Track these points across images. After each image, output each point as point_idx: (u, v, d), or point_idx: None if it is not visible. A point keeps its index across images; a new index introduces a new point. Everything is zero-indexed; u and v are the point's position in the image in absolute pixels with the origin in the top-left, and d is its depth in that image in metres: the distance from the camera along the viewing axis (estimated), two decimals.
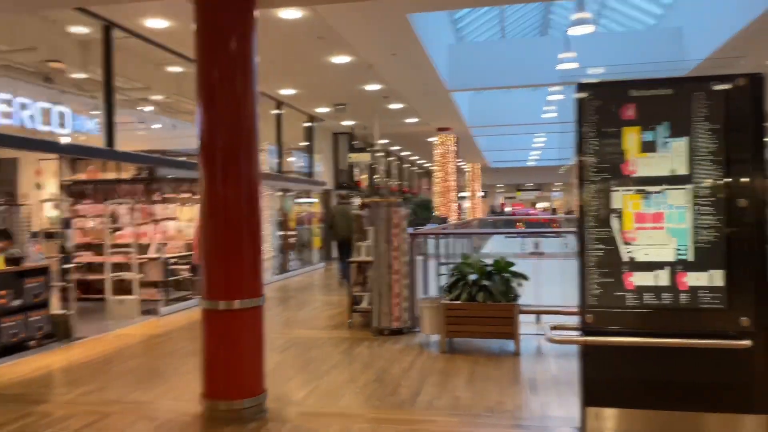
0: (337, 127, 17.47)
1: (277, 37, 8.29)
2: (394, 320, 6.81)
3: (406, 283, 6.88)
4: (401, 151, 25.13)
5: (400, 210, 6.90)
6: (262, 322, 4.34)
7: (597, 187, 3.66)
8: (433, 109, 14.53)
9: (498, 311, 5.83)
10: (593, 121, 3.65)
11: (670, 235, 3.57)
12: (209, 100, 4.30)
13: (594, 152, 3.65)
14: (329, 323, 7.70)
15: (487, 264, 6.20)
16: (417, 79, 11.18)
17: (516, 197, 46.13)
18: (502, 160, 32.27)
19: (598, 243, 3.64)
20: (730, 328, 3.44)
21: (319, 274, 14.29)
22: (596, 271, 3.64)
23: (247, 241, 4.28)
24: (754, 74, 3.45)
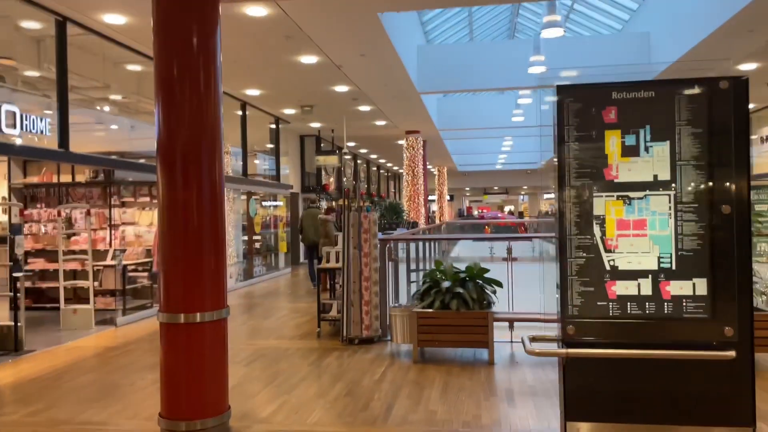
0: (304, 130, 17.19)
1: (243, 35, 8.02)
2: (364, 329, 6.60)
3: (377, 290, 6.68)
4: (369, 154, 24.94)
5: (370, 214, 6.70)
6: (226, 336, 4.08)
7: (578, 193, 3.51)
8: (402, 111, 14.37)
9: (472, 319, 5.67)
10: (573, 124, 3.50)
11: (652, 242, 3.45)
12: (168, 98, 4.02)
13: (575, 156, 3.51)
14: (297, 332, 7.43)
15: (461, 270, 6.04)
16: (386, 81, 11.00)
17: (483, 201, 46.38)
18: (469, 163, 32.33)
19: (580, 251, 3.50)
20: (713, 339, 3.32)
21: (286, 280, 13.97)
22: (577, 280, 3.50)
23: (210, 249, 4.02)
24: (737, 77, 3.35)
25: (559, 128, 3.54)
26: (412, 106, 13.67)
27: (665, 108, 3.43)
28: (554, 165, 3.58)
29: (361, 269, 6.63)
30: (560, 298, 3.51)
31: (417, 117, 15.22)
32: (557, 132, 3.55)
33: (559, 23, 8.11)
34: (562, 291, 3.51)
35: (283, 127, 15.95)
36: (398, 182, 35.18)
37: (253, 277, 13.26)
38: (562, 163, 3.53)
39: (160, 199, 3.97)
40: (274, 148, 15.65)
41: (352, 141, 19.89)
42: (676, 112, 3.41)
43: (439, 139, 19.93)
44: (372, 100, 12.86)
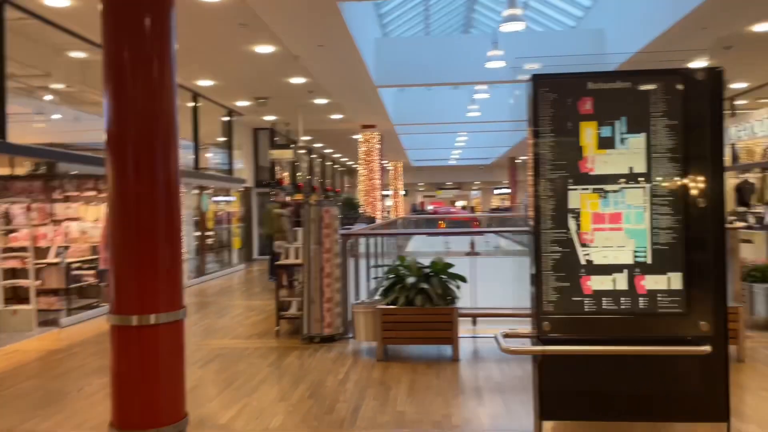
0: (258, 123, 16.77)
1: (195, 22, 7.67)
2: (325, 327, 6.40)
3: (339, 287, 6.49)
4: (324, 148, 24.64)
5: (331, 209, 6.50)
6: (183, 338, 3.82)
7: (553, 186, 3.42)
8: (358, 105, 14.18)
9: (437, 316, 5.56)
10: (548, 115, 3.41)
11: (628, 236, 3.39)
12: (119, 85, 3.71)
13: (550, 148, 3.42)
14: (254, 331, 7.17)
15: (425, 266, 5.92)
16: (344, 73, 10.79)
17: (436, 196, 46.67)
18: (423, 158, 32.42)
19: (555, 245, 3.41)
20: (688, 333, 3.30)
21: (239, 277, 13.61)
22: (552, 275, 3.42)
23: (165, 245, 3.74)
24: (713, 68, 3.32)
25: (534, 119, 3.44)
26: (368, 100, 13.50)
27: (641, 99, 3.37)
28: (529, 157, 3.48)
29: (322, 265, 6.43)
30: (535, 293, 3.42)
31: (373, 111, 15.06)
32: (532, 123, 3.45)
33: (519, 17, 8.09)
34: (537, 286, 3.42)
35: (236, 120, 15.52)
36: (352, 177, 34.98)
37: (205, 274, 12.85)
38: (537, 155, 3.44)
39: (110, 191, 3.67)
40: (226, 142, 15.20)
41: (307, 135, 19.56)
42: (652, 103, 3.36)
43: (394, 134, 19.83)
44: (328, 93, 12.63)
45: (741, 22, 7.91)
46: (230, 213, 14.88)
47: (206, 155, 14.65)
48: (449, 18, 15.75)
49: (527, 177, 3.57)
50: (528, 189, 3.54)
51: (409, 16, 13.92)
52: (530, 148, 3.50)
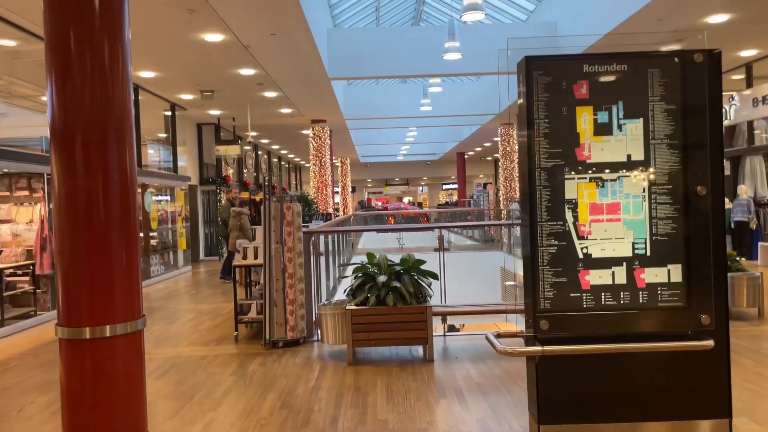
0: (203, 117, 16.11)
1: (137, 6, 7.12)
2: (289, 330, 6.05)
3: (302, 287, 6.15)
4: (271, 144, 24.02)
5: (293, 205, 6.15)
6: (143, 351, 3.42)
7: (549, 175, 3.22)
8: (310, 98, 13.78)
9: (410, 315, 5.31)
10: (543, 100, 3.20)
11: (626, 227, 3.22)
12: (65, 74, 3.27)
13: (544, 135, 3.21)
14: (211, 337, 6.73)
15: (395, 263, 5.66)
16: (297, 64, 10.39)
17: (384, 192, 46.52)
18: (372, 154, 32.18)
19: (551, 238, 3.21)
20: (689, 328, 3.15)
21: (187, 279, 12.99)
22: (549, 270, 3.21)
23: (120, 247, 3.33)
24: (711, 50, 3.19)
25: (528, 104, 3.23)
26: (320, 93, 13.12)
27: (638, 83, 3.20)
28: (523, 144, 3.27)
29: (284, 265, 6.07)
30: (532, 290, 3.21)
31: (325, 105, 14.69)
32: (526, 109, 3.23)
33: (480, 5, 7.93)
34: (534, 282, 3.21)
35: (180, 115, 14.83)
36: (300, 174, 34.36)
37: (150, 278, 12.19)
38: (531, 142, 3.23)
39: (57, 189, 3.23)
40: (169, 137, 14.49)
41: (254, 130, 18.97)
42: (649, 87, 3.19)
43: (344, 129, 19.50)
44: (279, 86, 12.18)
45: (696, 14, 8.01)
46: (175, 212, 14.20)
47: (148, 152, 13.92)
48: (400, 10, 15.54)
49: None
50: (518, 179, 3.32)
51: (360, 8, 13.61)
52: (522, 135, 3.29)
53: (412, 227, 15.05)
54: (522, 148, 3.30)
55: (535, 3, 12.55)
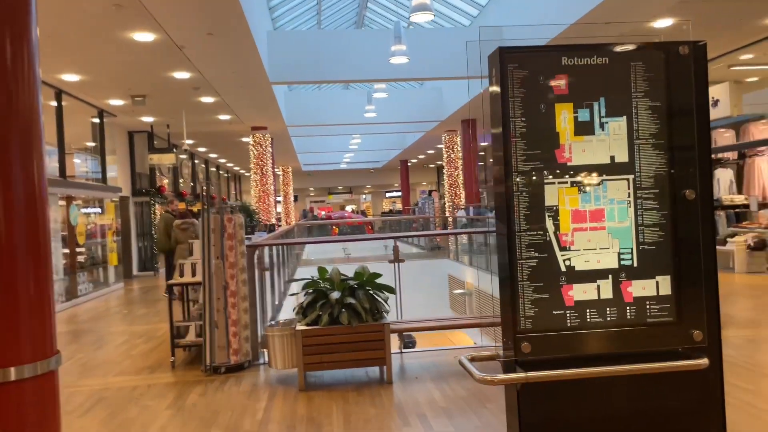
0: (135, 125, 15.22)
1: (58, 2, 6.46)
2: (232, 354, 5.52)
3: (247, 306, 5.64)
4: (208, 153, 23.12)
5: (235, 217, 5.64)
6: (57, 395, 2.87)
7: (527, 180, 2.90)
8: (250, 104, 13.20)
9: (367, 334, 4.89)
10: (519, 96, 2.88)
11: (611, 236, 2.94)
12: None
13: (521, 135, 2.89)
14: (144, 364, 6.11)
15: (348, 277, 5.24)
16: (236, 67, 9.83)
17: (327, 201, 45.90)
18: (315, 162, 31.61)
19: (531, 249, 2.88)
20: (680, 344, 2.89)
21: (118, 297, 12.12)
22: (530, 285, 2.88)
23: (28, 272, 2.78)
24: (696, 42, 2.95)
25: (503, 101, 2.90)
26: (261, 99, 12.57)
27: (620, 77, 2.92)
28: (497, 145, 2.94)
29: (226, 282, 5.55)
30: (508, 308, 2.88)
31: (266, 111, 14.13)
32: (501, 105, 2.90)
33: (429, 6, 7.65)
34: (513, 300, 2.88)
35: (109, 122, 13.92)
36: (240, 183, 33.38)
37: (77, 297, 11.27)
38: (507, 143, 2.90)
39: None
40: (98, 146, 13.57)
41: (191, 138, 18.14)
42: (633, 82, 2.92)
43: (286, 137, 18.92)
44: (216, 91, 11.56)
45: (643, 18, 8.01)
46: (104, 225, 13.29)
47: (74, 161, 12.97)
48: (342, 15, 15.18)
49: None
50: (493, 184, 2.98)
51: (301, 10, 13.16)
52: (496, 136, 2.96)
53: (366, 237, 14.64)
54: (496, 150, 2.97)
55: (479, 9, 12.46)
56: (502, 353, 2.98)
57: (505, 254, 2.92)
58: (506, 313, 2.90)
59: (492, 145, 3.01)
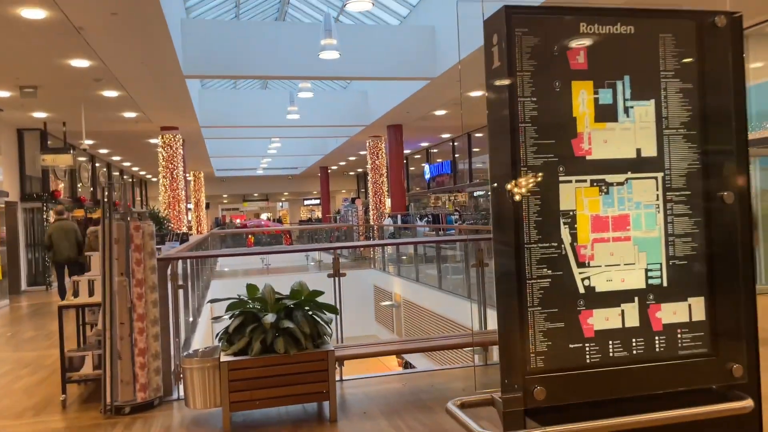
0: (24, 121, 13.54)
1: None
2: (138, 390, 4.57)
3: (158, 332, 4.70)
4: (111, 155, 21.29)
5: (144, 225, 4.70)
6: None
7: (538, 178, 2.28)
8: (160, 100, 11.99)
9: (307, 364, 4.12)
10: (529, 69, 2.26)
11: (637, 248, 2.37)
12: None
13: (532, 120, 2.27)
14: (29, 402, 5.00)
15: (284, 296, 4.43)
16: (145, 56, 8.73)
17: (241, 208, 44.10)
18: (229, 168, 30.12)
19: (543, 266, 2.26)
20: (716, 381, 2.36)
21: (3, 316, 10.56)
22: (541, 312, 2.26)
23: None
24: (732, 13, 2.45)
25: (510, 74, 2.27)
26: (173, 95, 11.43)
27: (648, 52, 2.36)
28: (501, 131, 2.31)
29: (132, 303, 4.59)
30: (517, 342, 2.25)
31: (178, 109, 12.95)
32: (508, 81, 2.27)
33: None
34: (521, 331, 2.25)
35: None
36: (146, 190, 31.27)
37: None
38: (515, 130, 2.27)
39: None
40: None
41: (91, 138, 16.50)
42: (662, 58, 2.38)
43: (199, 140, 17.65)
44: (121, 83, 10.32)
45: None
46: None
47: None
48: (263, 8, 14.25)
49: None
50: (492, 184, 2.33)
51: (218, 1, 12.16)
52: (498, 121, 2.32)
53: (303, 248, 13.69)
54: (499, 139, 2.33)
55: (409, 8, 11.98)
56: (504, 398, 2.33)
57: (511, 273, 2.27)
58: (511, 349, 2.25)
59: (493, 133, 2.36)
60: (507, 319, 2.30)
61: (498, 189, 2.37)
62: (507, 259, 2.30)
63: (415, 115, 15.25)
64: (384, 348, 4.95)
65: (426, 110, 14.73)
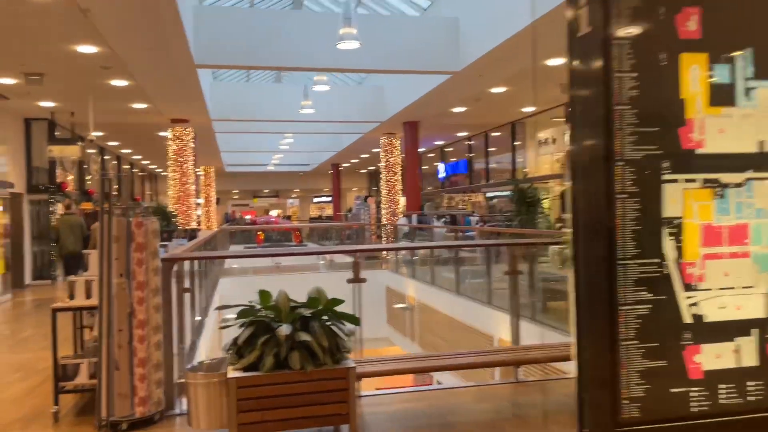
0: (32, 111, 13.18)
1: None
2: (137, 404, 4.12)
3: (160, 340, 4.25)
4: (121, 148, 20.95)
5: (147, 221, 4.25)
6: None
7: (637, 174, 1.81)
8: (170, 91, 11.57)
9: (326, 382, 3.65)
10: (628, 38, 1.78)
11: (759, 267, 1.88)
12: None
13: (630, 101, 1.79)
14: (18, 413, 4.58)
15: (299, 303, 3.97)
16: (154, 42, 8.30)
17: (251, 204, 43.74)
18: (240, 163, 29.74)
19: (642, 289, 1.79)
20: None
21: (4, 312, 10.19)
22: (638, 347, 1.79)
23: None
24: None
25: (605, 44, 1.79)
26: (184, 85, 11.01)
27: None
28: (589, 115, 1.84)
29: (132, 308, 4.15)
30: (607, 384, 1.78)
31: (188, 101, 12.54)
32: (601, 51, 1.80)
33: None
34: (611, 371, 1.78)
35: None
36: (156, 183, 30.97)
37: None
38: (609, 113, 1.80)
39: None
40: None
41: (100, 129, 16.12)
42: None
43: (210, 133, 17.24)
44: (130, 72, 9.90)
45: None
46: None
47: None
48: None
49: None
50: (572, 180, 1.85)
51: None
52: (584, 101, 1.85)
53: (320, 251, 13.28)
54: (585, 125, 1.85)
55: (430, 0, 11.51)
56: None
57: (599, 296, 1.80)
58: (596, 393, 1.78)
59: (576, 117, 1.88)
60: (592, 355, 1.82)
61: (583, 188, 1.88)
62: (593, 279, 1.82)
63: (432, 111, 14.76)
64: (411, 365, 4.47)
65: (444, 107, 14.25)
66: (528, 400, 4.43)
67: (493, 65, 10.05)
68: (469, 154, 20.76)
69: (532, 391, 4.64)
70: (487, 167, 19.31)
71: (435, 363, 4.52)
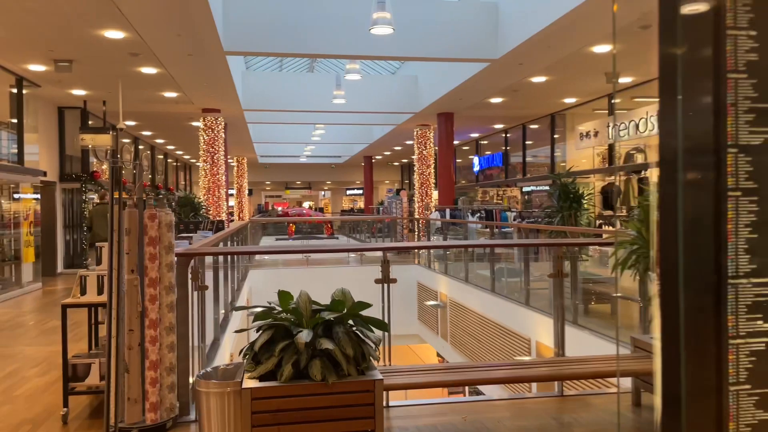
0: (64, 99, 13.16)
1: None
2: (149, 410, 3.84)
3: (174, 341, 3.96)
4: (154, 138, 21.00)
5: (161, 213, 3.95)
6: None
7: (755, 165, 1.36)
8: (200, 79, 11.37)
9: (350, 395, 3.30)
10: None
11: None
12: None
13: (747, 68, 1.34)
14: (29, 412, 4.35)
15: (322, 307, 3.62)
16: (182, 27, 8.06)
17: (284, 196, 43.82)
18: (272, 154, 29.66)
19: (757, 317, 1.35)
20: None
21: (34, 300, 10.16)
22: (749, 394, 1.35)
23: None
24: None
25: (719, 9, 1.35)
26: (214, 73, 10.78)
27: None
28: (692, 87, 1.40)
29: (143, 307, 3.86)
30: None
31: (219, 89, 12.32)
32: (713, 9, 1.36)
33: None
34: (716, 424, 1.35)
35: (31, 93, 11.86)
36: (190, 174, 31.14)
37: None
38: (721, 84, 1.36)
39: None
40: (15, 122, 11.50)
41: (132, 119, 16.11)
42: None
43: (242, 123, 17.07)
44: (159, 59, 9.71)
45: None
46: (19, 214, 11.25)
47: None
48: None
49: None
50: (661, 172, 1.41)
51: None
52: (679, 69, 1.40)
53: (347, 249, 12.92)
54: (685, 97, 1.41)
55: None
56: None
57: (699, 325, 1.37)
58: None
59: (669, 88, 1.43)
60: (688, 403, 1.39)
61: (678, 184, 1.44)
62: (692, 302, 1.39)
63: (468, 102, 14.27)
64: (443, 377, 4.08)
65: (480, 97, 13.74)
66: (573, 419, 4.00)
67: (534, 52, 9.53)
68: (506, 147, 20.18)
69: (577, 407, 4.20)
70: (524, 161, 18.72)
71: (469, 376, 4.11)
